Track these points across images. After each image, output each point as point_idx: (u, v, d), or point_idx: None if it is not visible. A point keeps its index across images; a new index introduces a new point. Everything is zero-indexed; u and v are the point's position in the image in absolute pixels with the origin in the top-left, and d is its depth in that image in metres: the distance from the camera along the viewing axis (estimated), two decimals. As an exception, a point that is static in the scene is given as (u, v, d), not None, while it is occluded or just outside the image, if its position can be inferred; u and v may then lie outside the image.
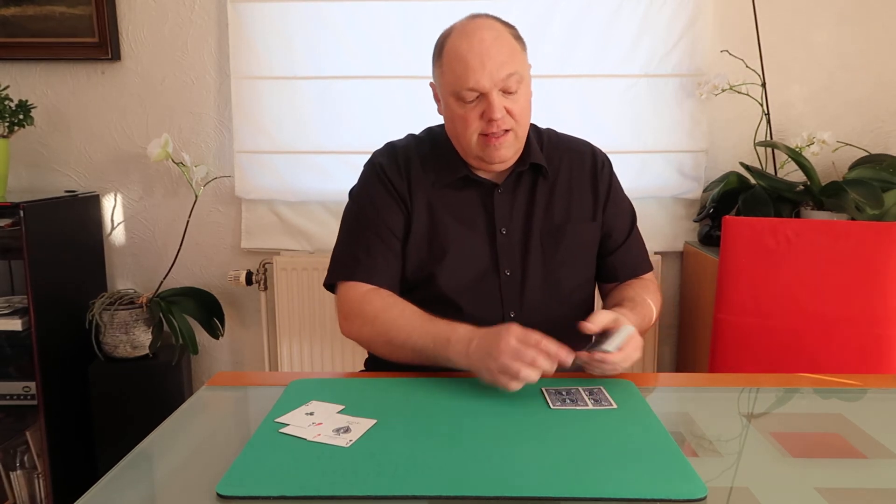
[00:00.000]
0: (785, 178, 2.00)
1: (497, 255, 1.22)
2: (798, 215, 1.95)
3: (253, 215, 2.21)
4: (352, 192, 1.29)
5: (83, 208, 2.15)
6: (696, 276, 2.09)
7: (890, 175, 1.86)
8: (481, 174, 1.23)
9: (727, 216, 1.68)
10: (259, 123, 2.13)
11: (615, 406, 0.96)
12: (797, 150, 1.95)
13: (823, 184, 1.89)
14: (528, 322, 1.12)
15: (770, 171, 2.04)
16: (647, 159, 2.11)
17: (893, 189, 1.81)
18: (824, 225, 1.65)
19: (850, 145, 2.07)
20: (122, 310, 2.01)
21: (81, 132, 2.20)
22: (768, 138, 2.04)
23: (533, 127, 1.29)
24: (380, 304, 1.16)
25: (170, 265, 2.10)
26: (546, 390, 1.01)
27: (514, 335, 0.97)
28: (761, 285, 1.64)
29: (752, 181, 1.99)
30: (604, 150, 1.33)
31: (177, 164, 2.02)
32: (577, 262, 1.26)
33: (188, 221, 2.10)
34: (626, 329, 1.03)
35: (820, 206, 1.91)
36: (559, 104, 2.09)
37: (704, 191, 2.13)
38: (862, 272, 1.59)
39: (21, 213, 1.80)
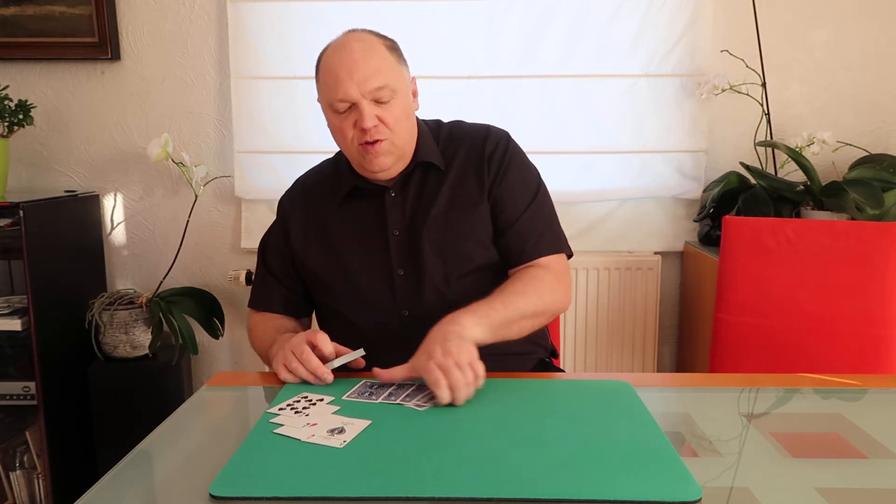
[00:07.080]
0: (785, 178, 2.00)
1: (390, 257, 1.22)
2: (798, 215, 1.95)
3: (253, 215, 2.21)
4: None
5: (83, 208, 2.15)
6: (696, 276, 2.09)
7: (890, 175, 1.85)
8: (378, 180, 1.23)
9: (727, 216, 1.68)
10: (259, 123, 2.13)
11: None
12: (797, 149, 1.95)
13: (823, 184, 1.89)
14: (422, 315, 1.16)
15: (770, 171, 2.04)
16: (647, 159, 2.11)
17: (893, 189, 1.81)
18: (824, 225, 1.65)
19: (850, 145, 2.07)
20: (122, 310, 2.01)
21: (81, 132, 2.20)
22: (768, 138, 2.04)
23: (432, 123, 1.31)
24: (251, 321, 1.36)
25: (170, 265, 2.10)
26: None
27: (291, 344, 1.08)
28: (761, 285, 1.63)
29: (752, 181, 1.99)
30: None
31: (177, 163, 2.02)
32: (468, 250, 1.22)
33: (188, 221, 2.10)
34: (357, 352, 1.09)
35: (820, 206, 1.91)
36: (559, 104, 2.09)
37: (704, 191, 2.13)
38: (862, 272, 1.58)
39: (21, 213, 1.80)
